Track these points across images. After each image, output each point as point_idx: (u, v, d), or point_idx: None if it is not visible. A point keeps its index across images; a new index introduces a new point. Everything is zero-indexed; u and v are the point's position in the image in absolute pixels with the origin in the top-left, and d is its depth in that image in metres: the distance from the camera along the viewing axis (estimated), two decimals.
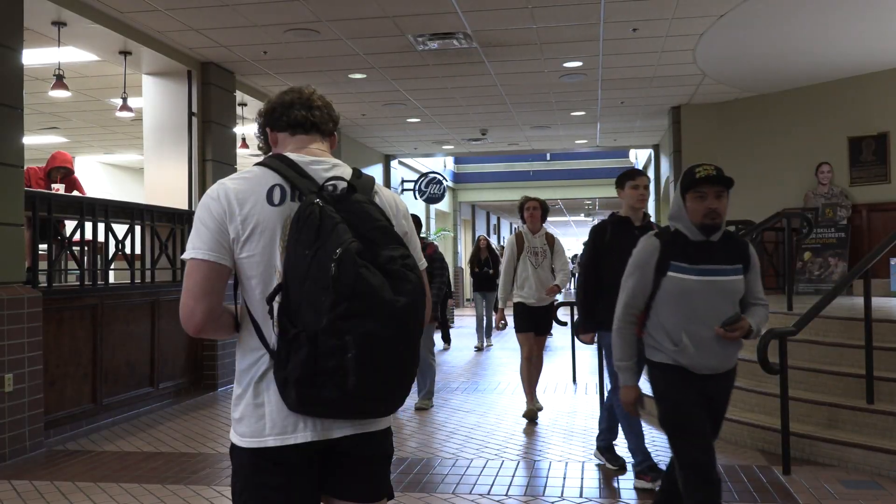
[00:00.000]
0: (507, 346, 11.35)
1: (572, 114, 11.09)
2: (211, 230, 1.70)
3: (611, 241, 4.30)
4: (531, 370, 6.14)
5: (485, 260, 11.46)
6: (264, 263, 1.69)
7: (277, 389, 1.67)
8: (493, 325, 14.53)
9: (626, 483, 4.36)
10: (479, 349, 10.98)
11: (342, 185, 1.74)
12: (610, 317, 3.88)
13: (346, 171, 1.80)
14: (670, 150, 11.00)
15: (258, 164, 1.78)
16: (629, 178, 4.39)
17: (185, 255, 1.72)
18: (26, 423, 5.15)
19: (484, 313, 11.42)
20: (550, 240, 6.14)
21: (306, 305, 1.58)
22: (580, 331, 4.56)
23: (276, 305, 1.66)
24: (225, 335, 1.80)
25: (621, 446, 4.65)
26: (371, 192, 1.78)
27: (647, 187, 4.38)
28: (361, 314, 1.55)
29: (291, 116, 1.86)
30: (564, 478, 4.48)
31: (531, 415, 6.01)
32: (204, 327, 1.71)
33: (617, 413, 4.44)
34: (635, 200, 4.34)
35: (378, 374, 1.59)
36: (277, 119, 1.88)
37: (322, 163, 1.80)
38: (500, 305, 6.17)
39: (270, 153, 1.84)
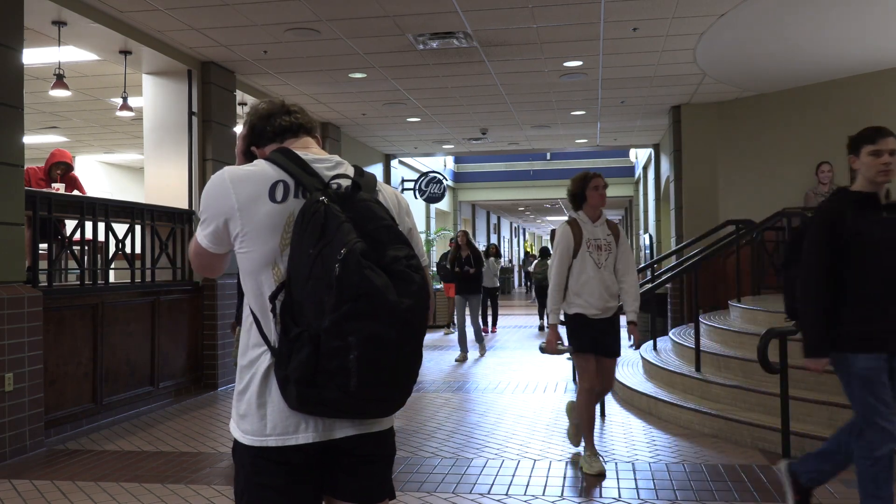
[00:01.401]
0: (508, 346, 11.34)
1: (572, 113, 11.09)
2: (211, 221, 1.74)
3: (854, 226, 3.11)
4: (590, 407, 4.64)
5: (465, 258, 10.21)
6: (263, 260, 1.69)
7: (278, 388, 1.66)
8: (489, 328, 13.39)
9: (627, 483, 4.36)
10: (462, 360, 9.60)
11: (347, 183, 1.73)
12: (861, 333, 3.01)
13: (349, 170, 1.80)
14: (671, 150, 11.00)
15: (264, 158, 1.77)
16: (868, 140, 3.15)
17: (196, 233, 1.82)
18: (26, 422, 5.15)
19: (467, 320, 10.01)
20: (615, 230, 4.63)
21: (309, 304, 1.57)
22: (809, 354, 3.22)
23: (278, 303, 1.66)
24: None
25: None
26: (375, 191, 1.78)
27: (894, 153, 3.10)
28: (365, 315, 1.54)
29: (276, 125, 1.85)
30: (565, 477, 4.48)
31: (599, 472, 4.52)
32: (211, 277, 1.97)
33: (859, 471, 3.17)
34: (876, 172, 3.13)
35: (381, 375, 1.59)
36: (261, 134, 1.87)
37: (325, 161, 1.79)
38: (550, 321, 4.58)
39: (278, 148, 1.81)
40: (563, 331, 4.68)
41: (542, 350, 4.80)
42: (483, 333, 12.74)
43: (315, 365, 1.56)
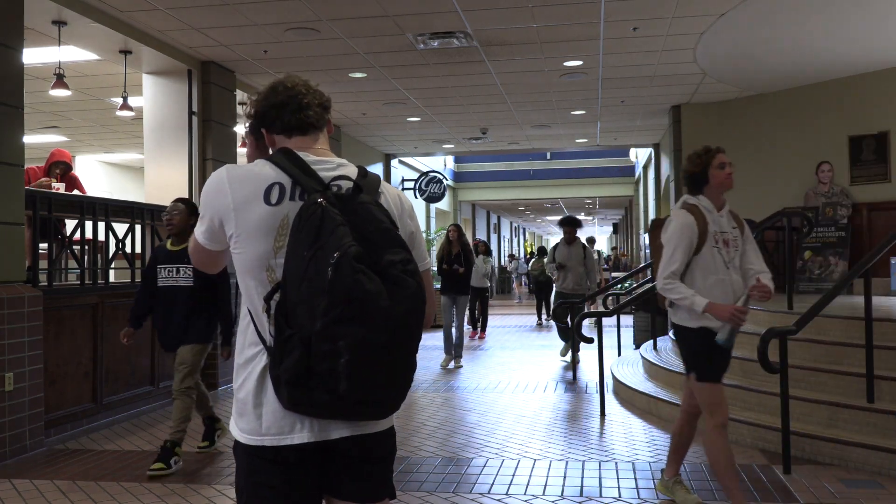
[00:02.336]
0: (508, 346, 11.34)
1: (572, 113, 11.09)
2: (207, 220, 1.76)
3: None
4: (725, 448, 3.51)
5: (456, 255, 9.26)
6: (256, 261, 1.70)
7: (273, 387, 1.67)
8: (474, 332, 12.03)
9: (627, 482, 4.36)
10: (447, 365, 9.12)
11: (348, 184, 1.72)
12: None
13: (351, 171, 1.78)
14: (671, 149, 11.00)
15: (265, 158, 1.77)
16: None
17: (195, 230, 1.84)
18: (27, 421, 5.15)
19: (454, 323, 9.20)
20: (739, 221, 3.71)
21: (302, 307, 1.57)
22: None
23: (273, 304, 1.66)
24: None
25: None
26: (377, 192, 1.76)
27: None
28: (356, 320, 1.53)
29: (285, 121, 1.80)
30: (565, 476, 4.48)
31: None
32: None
33: None
34: None
35: (371, 379, 1.58)
36: (271, 123, 1.82)
37: (327, 163, 1.78)
38: (699, 304, 3.39)
39: (280, 148, 1.80)
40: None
41: (726, 340, 3.42)
42: (471, 339, 11.91)
43: (306, 367, 1.56)
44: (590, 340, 6.68)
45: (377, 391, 1.61)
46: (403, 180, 15.86)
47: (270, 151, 1.85)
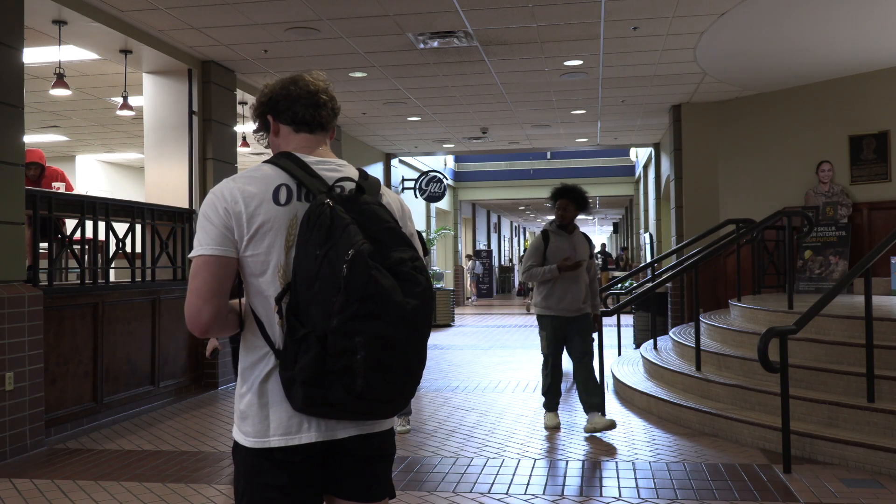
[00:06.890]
0: (508, 346, 11.33)
1: (573, 112, 11.08)
2: (216, 225, 1.69)
3: None
4: None
5: None
6: (268, 262, 1.70)
7: (283, 389, 1.67)
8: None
9: (628, 482, 4.36)
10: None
11: (350, 185, 1.74)
12: None
13: (352, 172, 1.80)
14: (671, 149, 11.00)
15: (266, 161, 1.77)
16: None
17: (192, 254, 1.70)
18: (27, 421, 5.15)
19: None
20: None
21: (316, 306, 1.58)
22: None
23: (284, 305, 1.66)
24: (230, 333, 1.80)
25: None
26: (378, 194, 1.78)
27: None
28: (372, 316, 1.55)
29: (298, 114, 1.81)
30: (565, 476, 4.48)
31: None
32: (211, 328, 1.69)
33: None
34: None
35: (386, 375, 1.60)
36: (282, 111, 1.82)
37: (328, 163, 1.80)
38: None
39: (280, 152, 1.81)
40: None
41: None
42: None
43: (322, 365, 1.57)
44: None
45: (391, 388, 1.63)
46: (403, 180, 15.85)
47: (276, 138, 1.86)
